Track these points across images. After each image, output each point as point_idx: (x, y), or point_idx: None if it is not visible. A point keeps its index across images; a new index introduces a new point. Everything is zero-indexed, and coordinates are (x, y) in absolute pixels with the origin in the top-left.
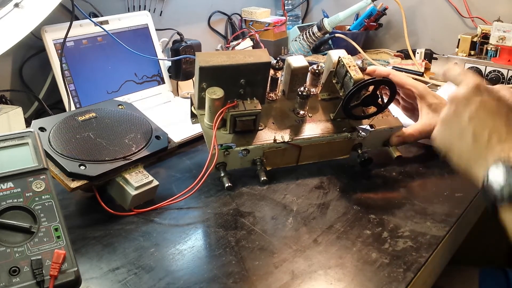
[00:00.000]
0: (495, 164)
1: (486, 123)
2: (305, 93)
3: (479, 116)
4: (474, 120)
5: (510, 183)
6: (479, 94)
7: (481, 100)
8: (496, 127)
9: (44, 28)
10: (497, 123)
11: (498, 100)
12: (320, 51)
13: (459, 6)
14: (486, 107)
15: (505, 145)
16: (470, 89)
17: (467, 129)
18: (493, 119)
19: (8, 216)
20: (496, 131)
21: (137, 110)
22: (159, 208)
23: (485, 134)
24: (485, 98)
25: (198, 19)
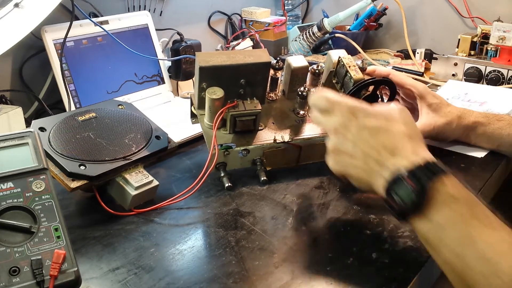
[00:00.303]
0: (391, 179)
1: (370, 142)
2: (305, 93)
3: (362, 137)
4: (359, 143)
5: (408, 195)
6: (355, 116)
7: (357, 123)
8: (382, 144)
9: (44, 28)
10: (381, 140)
11: (375, 116)
12: (320, 51)
13: (459, 6)
14: (366, 127)
15: (395, 159)
16: (345, 116)
17: (355, 153)
18: (376, 137)
19: (8, 216)
20: (383, 147)
21: (137, 110)
22: (159, 208)
23: (373, 154)
24: (362, 119)
25: (198, 19)
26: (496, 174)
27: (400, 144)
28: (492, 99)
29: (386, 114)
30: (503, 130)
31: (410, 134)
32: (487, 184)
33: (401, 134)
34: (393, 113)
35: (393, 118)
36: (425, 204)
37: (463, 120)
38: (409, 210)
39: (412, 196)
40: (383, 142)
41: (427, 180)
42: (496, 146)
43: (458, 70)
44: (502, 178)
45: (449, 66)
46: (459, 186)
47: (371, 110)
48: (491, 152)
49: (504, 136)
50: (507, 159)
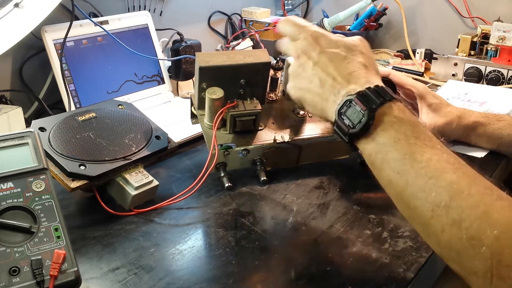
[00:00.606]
0: (342, 103)
1: (327, 69)
2: None
3: (321, 63)
4: (317, 68)
5: (357, 115)
6: (317, 43)
7: (318, 49)
8: (338, 70)
9: (44, 28)
10: (338, 66)
11: (336, 44)
12: None
13: (459, 6)
14: (326, 54)
15: (349, 85)
16: (309, 41)
17: (313, 76)
18: (333, 64)
19: (8, 216)
20: (339, 73)
21: (137, 110)
22: (159, 208)
23: (329, 79)
24: (323, 45)
25: (198, 19)
26: (496, 174)
27: (356, 72)
28: (492, 99)
29: (347, 43)
30: (503, 130)
31: (366, 64)
32: None
33: (358, 63)
34: (354, 43)
35: (353, 47)
36: (372, 125)
37: (463, 120)
38: (357, 131)
39: (360, 116)
40: (339, 69)
41: (376, 102)
42: (496, 146)
43: (458, 70)
44: (502, 178)
45: (449, 66)
46: (405, 110)
47: (334, 38)
48: (491, 152)
49: (504, 136)
50: (507, 159)
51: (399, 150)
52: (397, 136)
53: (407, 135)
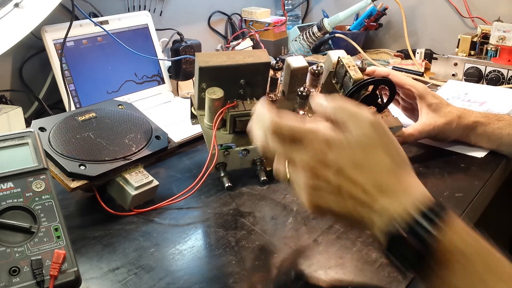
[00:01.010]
0: (386, 229)
1: (352, 180)
2: (305, 93)
3: (343, 174)
4: (341, 181)
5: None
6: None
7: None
8: (365, 181)
9: (44, 28)
10: (363, 177)
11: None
12: (320, 51)
13: (459, 6)
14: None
15: (384, 199)
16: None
17: (339, 191)
18: (357, 174)
19: (8, 216)
20: (369, 185)
21: (137, 110)
22: (159, 208)
23: (359, 194)
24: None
25: (198, 19)
26: (496, 174)
27: (385, 179)
28: (492, 99)
29: (361, 142)
30: (503, 130)
31: (394, 162)
32: (487, 184)
33: (383, 166)
34: (369, 136)
35: (370, 144)
36: (432, 262)
37: (463, 120)
38: (414, 267)
39: (415, 257)
40: (366, 179)
41: (430, 236)
42: (496, 146)
43: (458, 70)
44: (502, 178)
45: (449, 66)
46: (466, 235)
47: (344, 140)
48: (491, 152)
49: (504, 136)
50: (507, 159)
51: None
52: (468, 275)
53: (479, 272)
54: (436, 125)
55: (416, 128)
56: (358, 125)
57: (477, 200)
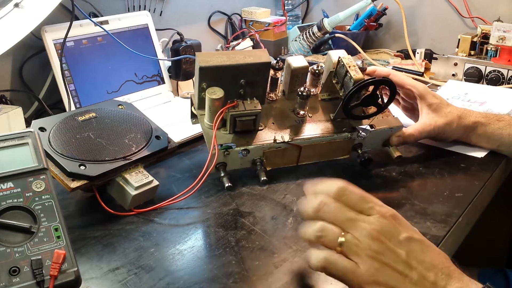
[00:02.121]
0: None
1: (422, 257)
2: (305, 93)
3: (413, 250)
4: (410, 257)
5: None
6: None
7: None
8: (434, 263)
9: (44, 28)
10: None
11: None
12: (320, 51)
13: (459, 6)
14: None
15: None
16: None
17: (407, 270)
18: (426, 252)
19: (8, 216)
20: (438, 269)
21: (137, 110)
22: (159, 208)
23: (430, 275)
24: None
25: (198, 19)
26: (496, 174)
27: (446, 265)
28: (492, 99)
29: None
30: (503, 130)
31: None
32: (487, 184)
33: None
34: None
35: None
36: None
37: (463, 120)
38: None
39: None
40: (433, 260)
41: None
42: (496, 146)
43: (458, 70)
44: (502, 178)
45: (449, 66)
46: None
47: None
48: (491, 152)
49: (504, 136)
50: (507, 159)
51: None
52: None
53: None
54: (436, 125)
55: (417, 128)
56: None
57: (477, 200)
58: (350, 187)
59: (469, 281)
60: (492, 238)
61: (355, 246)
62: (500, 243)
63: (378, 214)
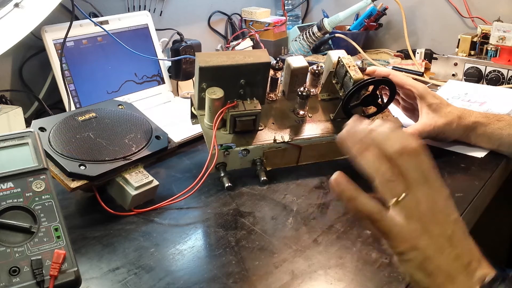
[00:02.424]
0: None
1: (464, 240)
2: (305, 93)
3: (458, 231)
4: (455, 234)
5: None
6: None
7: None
8: (470, 247)
9: (44, 28)
10: (471, 243)
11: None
12: (320, 51)
13: (459, 6)
14: (460, 222)
15: (484, 269)
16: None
17: (448, 242)
18: (467, 239)
19: (8, 216)
20: (473, 255)
21: (137, 110)
22: (159, 208)
23: (465, 258)
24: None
25: (198, 19)
26: (496, 174)
27: (479, 255)
28: (492, 99)
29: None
30: (503, 130)
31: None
32: (487, 184)
33: (474, 242)
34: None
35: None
36: None
37: (463, 120)
38: None
39: None
40: (470, 245)
41: None
42: (496, 146)
43: (458, 70)
44: (502, 178)
45: (449, 66)
46: None
47: (451, 206)
48: (491, 152)
49: (504, 136)
50: (507, 159)
51: None
52: None
53: None
54: (436, 125)
55: (416, 128)
56: None
57: (477, 200)
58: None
59: (492, 271)
60: (492, 238)
61: (412, 207)
62: (500, 243)
63: (440, 188)
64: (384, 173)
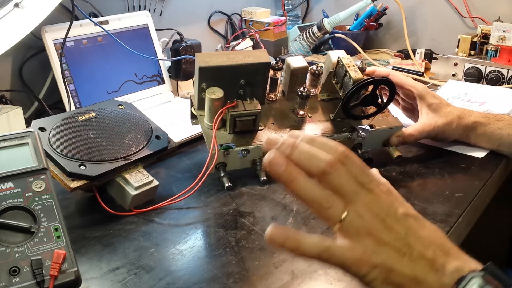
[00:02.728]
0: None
1: (420, 233)
2: (305, 93)
3: (411, 226)
4: (409, 232)
5: None
6: (394, 196)
7: (405, 211)
8: (431, 239)
9: (44, 28)
10: (427, 232)
11: (403, 203)
12: (320, 51)
13: (459, 6)
14: (411, 217)
15: (452, 260)
16: (388, 194)
17: (405, 247)
18: (423, 228)
19: (8, 216)
20: (436, 245)
21: (137, 110)
22: (159, 208)
23: (428, 252)
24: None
25: (198, 19)
26: (496, 174)
27: (443, 241)
28: (492, 99)
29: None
30: (503, 130)
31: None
32: (487, 184)
33: (435, 226)
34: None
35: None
36: None
37: (463, 120)
38: None
39: None
40: (430, 236)
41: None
42: (496, 146)
43: (458, 70)
44: (502, 178)
45: (449, 66)
46: None
47: (396, 200)
48: (491, 152)
49: (504, 136)
50: (507, 159)
51: None
52: None
53: None
54: (436, 125)
55: (416, 128)
56: None
57: (477, 200)
58: (351, 154)
59: (468, 259)
60: (492, 238)
61: (357, 222)
62: (500, 243)
63: (377, 189)
64: (319, 200)
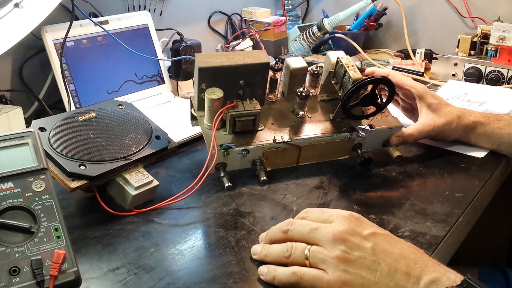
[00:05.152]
0: None
1: (390, 249)
2: (304, 93)
3: (379, 243)
4: (377, 250)
5: None
6: (360, 220)
7: (372, 231)
8: (404, 254)
9: (44, 28)
10: (398, 248)
11: (372, 225)
12: (320, 51)
13: (459, 6)
14: (379, 235)
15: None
16: (350, 219)
17: (375, 264)
18: (394, 245)
19: (8, 216)
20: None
21: (137, 110)
22: (159, 208)
23: (401, 266)
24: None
25: (198, 19)
26: (496, 174)
27: (419, 256)
28: (492, 99)
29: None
30: (503, 130)
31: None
32: (487, 184)
33: (409, 243)
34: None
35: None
36: None
37: (462, 120)
38: None
39: None
40: (402, 252)
41: None
42: (496, 146)
43: (458, 70)
44: (502, 178)
45: (449, 66)
46: None
47: (362, 223)
48: (491, 152)
49: (504, 136)
50: (507, 159)
51: None
52: None
53: None
54: (436, 125)
55: (416, 128)
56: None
57: (477, 200)
58: (310, 208)
59: (446, 271)
60: (492, 237)
61: (320, 252)
62: (500, 243)
63: (338, 217)
64: (279, 253)
